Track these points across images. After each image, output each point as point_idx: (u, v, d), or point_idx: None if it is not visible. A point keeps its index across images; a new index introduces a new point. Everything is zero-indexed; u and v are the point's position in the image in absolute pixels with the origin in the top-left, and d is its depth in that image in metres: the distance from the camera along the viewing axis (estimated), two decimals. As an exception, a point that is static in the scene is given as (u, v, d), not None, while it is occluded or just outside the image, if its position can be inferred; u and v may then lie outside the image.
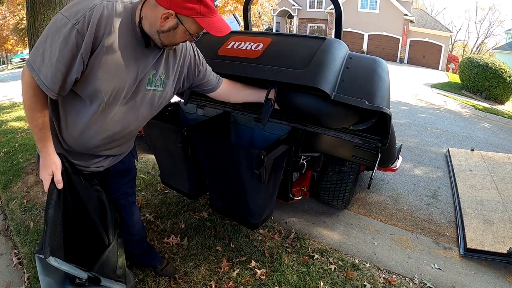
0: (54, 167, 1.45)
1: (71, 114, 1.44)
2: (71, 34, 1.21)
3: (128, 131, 1.62)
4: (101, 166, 1.70)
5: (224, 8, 17.32)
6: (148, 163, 4.16)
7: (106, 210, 1.69)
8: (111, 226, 1.71)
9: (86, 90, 1.36)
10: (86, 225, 1.62)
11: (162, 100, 1.65)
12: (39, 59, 1.25)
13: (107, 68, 1.32)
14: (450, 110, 10.31)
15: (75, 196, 1.57)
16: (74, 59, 1.25)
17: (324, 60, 1.82)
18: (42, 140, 1.41)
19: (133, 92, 1.48)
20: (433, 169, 4.90)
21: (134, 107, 1.53)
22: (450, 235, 3.19)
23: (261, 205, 2.26)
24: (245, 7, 2.87)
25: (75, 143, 1.52)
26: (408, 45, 27.10)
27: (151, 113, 1.66)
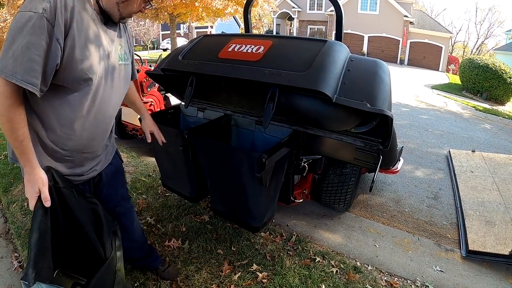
0: (40, 183, 1.34)
1: (63, 108, 1.40)
2: (41, 24, 1.21)
3: (115, 112, 1.66)
4: (95, 170, 1.69)
5: (224, 10, 17.34)
6: (149, 166, 4.16)
7: (101, 223, 1.61)
8: (108, 240, 1.62)
9: (72, 76, 1.35)
10: (80, 240, 1.55)
11: (129, 73, 1.73)
12: (10, 62, 1.19)
13: (83, 48, 1.34)
14: (450, 111, 10.30)
15: (67, 211, 1.49)
16: (50, 46, 1.24)
17: (325, 63, 1.82)
18: (25, 153, 1.32)
19: (111, 69, 1.52)
20: (434, 171, 4.89)
21: (116, 85, 1.58)
22: (451, 237, 3.18)
23: (262, 208, 2.25)
24: (245, 9, 2.88)
25: (72, 142, 1.49)
26: (408, 46, 27.09)
27: (126, 89, 1.73)
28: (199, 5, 16.61)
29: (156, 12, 18.41)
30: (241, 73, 2.01)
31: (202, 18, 19.15)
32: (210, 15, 18.98)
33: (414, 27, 26.99)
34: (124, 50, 1.63)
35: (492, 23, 43.12)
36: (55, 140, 1.46)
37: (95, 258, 1.57)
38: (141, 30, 34.34)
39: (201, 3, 16.53)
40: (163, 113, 2.98)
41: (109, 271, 1.59)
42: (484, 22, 46.99)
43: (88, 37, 1.37)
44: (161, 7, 17.37)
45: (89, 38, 1.37)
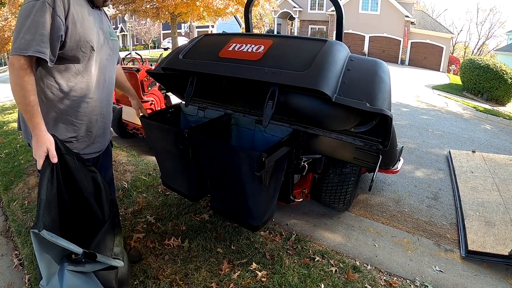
0: (48, 144, 1.52)
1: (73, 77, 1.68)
2: (43, 7, 1.48)
3: (113, 82, 2.00)
4: (105, 145, 2.00)
5: (225, 9, 17.35)
6: (149, 165, 4.17)
7: (100, 189, 1.74)
8: (106, 205, 1.76)
9: (77, 46, 1.63)
10: (80, 204, 1.67)
11: (118, 48, 2.04)
12: (22, 42, 1.46)
13: (81, 23, 1.62)
14: (451, 112, 10.30)
15: (69, 176, 1.62)
16: (54, 21, 1.50)
17: (325, 62, 1.83)
18: (34, 117, 1.51)
19: (106, 42, 1.83)
20: (434, 171, 4.89)
21: (110, 56, 1.90)
22: (451, 237, 3.19)
23: (262, 207, 2.26)
24: (246, 9, 2.88)
25: (84, 104, 1.75)
26: (409, 46, 27.07)
27: (116, 62, 2.04)
28: (200, 4, 16.63)
29: (157, 11, 18.42)
30: (241, 72, 2.01)
31: (203, 17, 19.18)
32: (211, 15, 18.99)
33: (415, 27, 26.98)
34: (110, 28, 1.92)
35: (493, 23, 43.20)
36: (68, 106, 1.70)
37: (94, 221, 1.70)
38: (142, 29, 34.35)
39: (202, 3, 16.55)
40: (163, 112, 2.99)
41: (109, 233, 1.71)
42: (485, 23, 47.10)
43: (84, 16, 1.66)
44: (162, 6, 17.39)
45: (85, 16, 1.66)
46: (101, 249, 1.60)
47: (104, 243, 1.65)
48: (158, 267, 2.41)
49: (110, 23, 1.99)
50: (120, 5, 18.05)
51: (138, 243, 2.65)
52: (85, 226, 1.68)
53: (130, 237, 2.69)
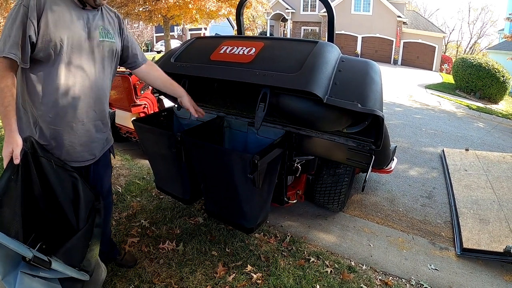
0: (14, 145, 1.52)
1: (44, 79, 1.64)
2: (19, 10, 1.53)
3: (101, 87, 1.83)
4: (93, 158, 1.89)
5: (218, 12, 17.35)
6: (143, 169, 4.15)
7: (79, 197, 1.70)
8: (84, 213, 1.71)
9: (47, 47, 1.59)
10: (55, 208, 1.65)
11: (117, 51, 1.91)
12: (6, 44, 1.51)
13: (53, 23, 1.59)
14: (444, 111, 10.38)
15: (44, 179, 1.61)
16: (26, 23, 1.53)
17: (316, 64, 1.83)
18: (7, 118, 1.53)
19: (89, 43, 1.73)
20: (428, 170, 4.92)
21: (98, 58, 1.79)
22: (446, 235, 3.20)
23: (256, 209, 2.25)
24: (237, 11, 2.89)
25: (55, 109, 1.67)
26: (402, 46, 27.24)
27: (111, 66, 1.91)
28: (192, 7, 16.61)
29: (150, 14, 18.38)
30: (233, 75, 2.02)
31: (195, 20, 19.14)
32: (204, 17, 18.98)
33: (408, 27, 27.17)
34: (107, 30, 1.82)
35: (485, 22, 43.38)
36: (43, 111, 1.67)
37: (68, 228, 1.66)
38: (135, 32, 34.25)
39: (194, 5, 16.53)
40: (156, 116, 2.98)
41: (81, 242, 1.66)
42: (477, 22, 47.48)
43: (62, 15, 1.62)
44: (155, 9, 17.35)
45: (63, 16, 1.63)
46: (68, 258, 1.55)
47: (73, 252, 1.60)
48: (153, 271, 2.40)
49: (112, 23, 1.90)
50: (113, 8, 17.96)
51: (132, 248, 2.63)
52: (59, 232, 1.65)
53: (125, 242, 2.67)
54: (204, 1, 16.34)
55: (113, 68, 1.93)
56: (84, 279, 1.61)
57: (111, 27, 1.87)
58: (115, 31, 1.91)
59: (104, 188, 2.07)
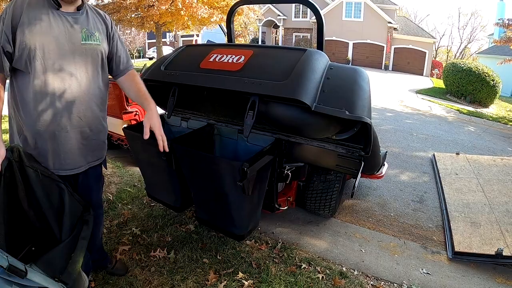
0: None
1: (25, 88, 1.64)
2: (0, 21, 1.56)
3: (87, 92, 1.77)
4: (81, 166, 1.84)
5: (209, 18, 17.41)
6: (134, 176, 4.13)
7: (63, 207, 1.68)
8: (67, 224, 1.68)
9: (23, 55, 1.59)
10: (38, 219, 1.65)
11: (103, 54, 1.84)
12: None
13: (29, 30, 1.57)
14: (435, 115, 10.47)
15: (29, 189, 1.60)
16: (1, 35, 1.55)
17: (304, 72, 1.85)
18: None
19: (69, 47, 1.67)
20: (419, 174, 4.95)
21: (80, 62, 1.72)
22: (437, 239, 3.22)
23: (246, 216, 2.25)
24: (228, 19, 2.91)
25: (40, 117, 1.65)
26: (393, 52, 27.52)
27: (98, 69, 1.83)
28: (184, 13, 16.66)
29: (142, 21, 18.39)
30: (221, 83, 2.03)
31: (188, 26, 19.19)
32: (196, 24, 19.04)
33: (398, 33, 27.48)
34: (90, 32, 1.75)
35: (474, 27, 44.00)
36: (26, 117, 1.66)
37: (50, 239, 1.65)
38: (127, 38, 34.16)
39: (186, 12, 16.58)
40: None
41: (63, 254, 1.64)
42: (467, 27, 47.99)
43: (37, 22, 1.59)
44: (147, 15, 17.38)
45: (38, 22, 1.59)
46: (48, 268, 1.54)
47: (52, 263, 1.58)
48: (144, 279, 2.38)
49: (96, 25, 1.81)
50: (104, 14, 17.98)
51: (124, 256, 2.61)
52: (42, 241, 1.66)
53: (116, 250, 2.65)
54: (196, 8, 16.41)
55: (100, 71, 1.84)
56: None
57: (96, 30, 1.80)
58: (102, 35, 1.84)
59: (94, 200, 2.01)
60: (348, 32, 28.00)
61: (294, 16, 31.54)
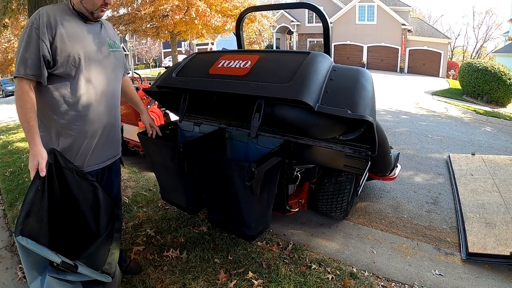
0: (39, 157, 1.64)
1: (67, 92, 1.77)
2: (31, 32, 1.66)
3: (115, 92, 2.02)
4: (107, 160, 2.04)
5: (223, 27, 17.62)
6: (150, 181, 4.23)
7: (99, 204, 1.81)
8: (104, 219, 1.82)
9: (65, 63, 1.72)
10: (76, 216, 1.76)
11: (122, 58, 2.10)
12: (18, 66, 1.65)
13: (69, 40, 1.73)
14: (451, 117, 10.32)
15: (66, 188, 1.71)
16: (38, 44, 1.65)
17: (307, 74, 1.90)
18: (30, 132, 1.66)
19: (103, 54, 1.90)
20: (434, 176, 4.91)
21: (111, 67, 1.95)
22: (451, 241, 3.19)
23: (256, 217, 2.30)
24: (237, 26, 2.98)
25: (81, 118, 1.82)
26: (408, 54, 27.20)
27: (122, 72, 2.12)
28: (198, 22, 16.92)
29: (157, 30, 18.75)
30: (229, 88, 2.09)
31: (202, 35, 19.49)
32: (210, 32, 19.32)
33: (412, 35, 27.17)
34: (113, 40, 2.00)
35: (489, 26, 43.09)
36: (67, 120, 1.80)
37: (88, 234, 1.77)
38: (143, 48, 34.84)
39: (200, 21, 16.84)
40: (162, 129, 3.06)
41: (102, 247, 1.76)
42: (482, 26, 47.18)
43: (75, 31, 1.77)
44: (162, 25, 17.71)
45: (75, 32, 1.78)
46: (91, 262, 1.65)
47: (95, 257, 1.70)
48: (157, 278, 2.46)
49: (114, 34, 2.08)
50: (121, 25, 18.41)
51: (138, 255, 2.70)
52: (81, 238, 1.75)
53: (130, 250, 2.73)
54: (210, 17, 16.64)
55: (122, 71, 2.11)
56: (107, 281, 1.70)
57: (116, 38, 2.06)
58: (118, 41, 2.08)
59: (115, 195, 2.17)
60: (362, 35, 27.85)
61: (307, 22, 31.56)
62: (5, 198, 3.99)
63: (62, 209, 1.71)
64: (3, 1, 7.01)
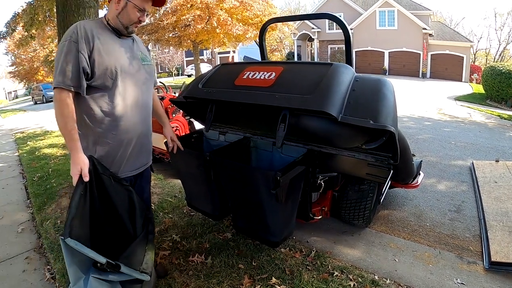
0: (82, 164, 1.73)
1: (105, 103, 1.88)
2: (70, 46, 1.76)
3: (148, 103, 2.14)
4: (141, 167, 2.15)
5: (244, 35, 17.80)
6: (175, 188, 4.35)
7: (135, 207, 1.92)
8: (139, 222, 1.93)
9: (103, 75, 1.83)
10: (114, 220, 1.86)
11: (153, 71, 2.21)
12: (57, 77, 1.74)
13: (106, 53, 1.84)
14: (474, 122, 10.13)
15: (104, 194, 1.81)
16: (77, 56, 1.75)
17: (330, 85, 1.96)
18: (72, 140, 1.75)
19: (136, 67, 2.01)
20: (457, 183, 4.84)
21: (143, 79, 2.06)
22: (474, 249, 3.16)
23: (281, 224, 2.36)
24: (260, 37, 3.07)
25: (119, 127, 1.93)
26: (429, 59, 26.77)
27: (152, 84, 2.21)
28: (220, 31, 17.16)
29: (179, 39, 19.09)
30: (255, 99, 2.17)
31: (224, 43, 19.76)
32: (231, 41, 19.57)
33: (434, 39, 26.74)
34: (144, 54, 2.12)
35: (512, 27, 41.93)
36: (104, 129, 1.91)
37: (126, 236, 1.87)
38: (166, 57, 35.43)
39: (222, 30, 17.07)
40: (187, 137, 3.17)
41: (139, 248, 1.86)
42: (504, 27, 45.83)
43: (110, 46, 1.89)
44: (184, 35, 18.04)
45: (111, 46, 1.89)
46: (130, 262, 1.75)
47: (133, 257, 1.80)
48: (182, 282, 2.54)
49: (145, 48, 2.20)
50: (144, 35, 18.87)
51: (164, 260, 2.80)
52: (118, 240, 1.85)
53: (157, 254, 2.82)
54: (231, 26, 16.86)
55: (152, 86, 2.21)
56: (146, 279, 1.81)
57: (146, 52, 2.17)
58: (149, 55, 2.21)
59: (145, 199, 2.26)
60: (383, 41, 27.62)
61: (328, 28, 31.46)
62: (34, 202, 4.19)
63: (101, 213, 1.81)
64: (30, 13, 7.31)
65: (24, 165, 6.21)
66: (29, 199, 4.50)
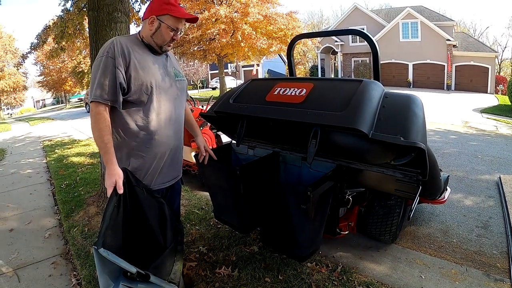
0: (116, 176, 1.78)
1: (140, 117, 1.95)
2: (107, 61, 1.82)
3: (181, 117, 2.21)
4: (172, 179, 2.20)
5: (269, 48, 17.97)
6: (202, 200, 4.43)
7: (166, 219, 1.98)
8: (170, 233, 1.98)
9: (138, 90, 1.89)
10: (145, 230, 1.91)
11: (186, 86, 2.27)
12: (94, 91, 1.81)
13: (141, 69, 1.90)
14: (501, 135, 9.91)
15: (137, 205, 1.88)
16: (114, 72, 1.81)
17: (361, 102, 2.00)
18: (107, 153, 1.81)
19: (170, 83, 2.06)
20: (484, 199, 4.75)
21: (176, 94, 2.12)
22: (502, 266, 3.09)
23: (309, 238, 2.38)
24: (288, 53, 3.13)
25: (153, 141, 1.99)
26: (454, 70, 26.33)
27: (185, 99, 2.28)
28: (244, 45, 17.42)
29: (205, 53, 19.46)
30: (287, 115, 2.23)
31: (248, 57, 20.03)
32: (256, 54, 19.81)
33: (458, 50, 26.32)
34: (177, 70, 2.19)
35: (536, 36, 40.65)
36: (139, 143, 1.97)
37: (157, 246, 1.92)
38: (191, 70, 36.05)
39: (246, 43, 17.32)
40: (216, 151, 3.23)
41: (168, 259, 1.92)
42: (529, 36, 44.25)
43: (146, 62, 1.95)
44: (209, 48, 18.39)
45: (147, 63, 1.96)
46: (159, 272, 1.81)
47: (162, 267, 1.87)
48: (208, 293, 2.59)
49: (177, 64, 2.27)
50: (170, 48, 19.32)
51: (190, 271, 2.85)
52: (149, 250, 1.92)
53: (183, 265, 2.86)
54: (255, 39, 17.08)
55: (185, 101, 2.28)
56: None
57: (179, 68, 2.25)
58: (181, 70, 2.27)
59: (175, 211, 2.32)
60: (407, 53, 27.40)
61: (351, 41, 31.43)
62: (61, 209, 4.33)
63: (133, 223, 1.88)
64: (61, 26, 7.58)
65: (52, 172, 6.43)
66: (56, 205, 4.65)
